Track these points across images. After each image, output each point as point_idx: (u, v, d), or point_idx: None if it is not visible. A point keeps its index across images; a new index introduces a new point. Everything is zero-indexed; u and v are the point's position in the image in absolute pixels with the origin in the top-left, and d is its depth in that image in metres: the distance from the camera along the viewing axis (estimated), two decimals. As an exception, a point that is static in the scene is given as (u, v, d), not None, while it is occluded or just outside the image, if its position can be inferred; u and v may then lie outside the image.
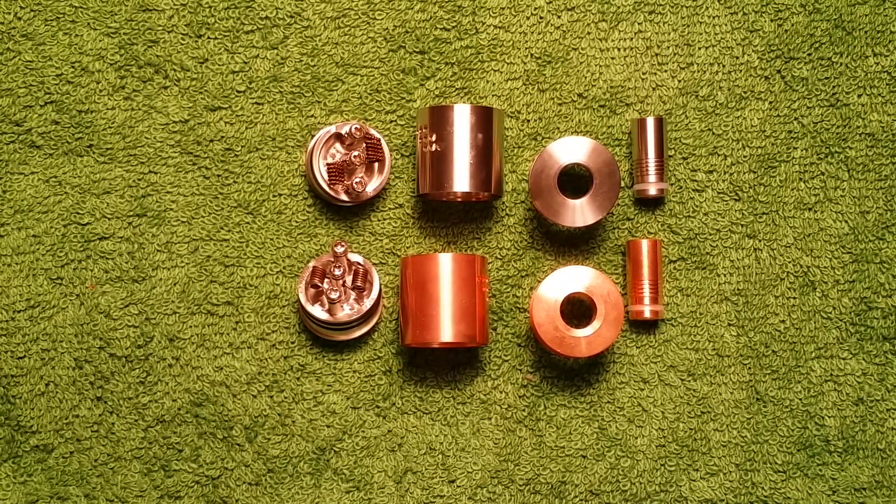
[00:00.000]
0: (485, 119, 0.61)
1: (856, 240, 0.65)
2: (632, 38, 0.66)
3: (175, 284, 0.64)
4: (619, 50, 0.66)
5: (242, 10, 0.65)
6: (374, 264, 0.64)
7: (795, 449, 0.64)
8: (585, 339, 0.61)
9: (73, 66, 0.64)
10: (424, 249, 0.65)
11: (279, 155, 0.65)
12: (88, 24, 0.64)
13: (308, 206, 0.65)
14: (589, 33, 0.66)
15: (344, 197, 0.63)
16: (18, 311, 0.63)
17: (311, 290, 0.62)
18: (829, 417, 0.64)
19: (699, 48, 0.66)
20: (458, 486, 0.64)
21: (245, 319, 0.64)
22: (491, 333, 0.64)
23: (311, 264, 0.62)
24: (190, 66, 0.65)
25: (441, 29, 0.65)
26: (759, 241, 0.65)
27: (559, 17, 0.66)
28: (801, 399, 0.64)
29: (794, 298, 0.65)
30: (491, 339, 0.64)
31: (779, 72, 0.66)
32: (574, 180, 0.64)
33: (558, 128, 0.65)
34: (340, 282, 0.61)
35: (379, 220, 0.65)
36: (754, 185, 0.65)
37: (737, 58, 0.66)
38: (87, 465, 0.63)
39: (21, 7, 0.65)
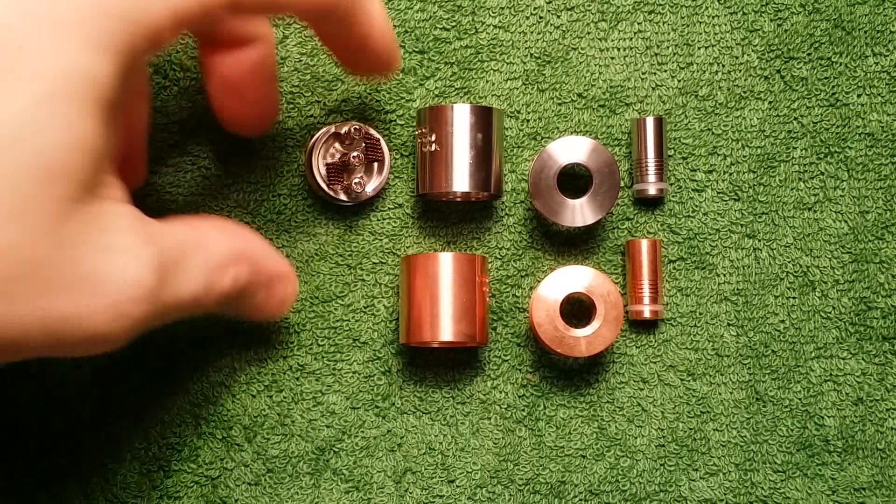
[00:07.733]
0: (484, 119, 0.61)
1: (855, 240, 0.65)
2: (631, 38, 0.66)
3: (174, 284, 0.64)
4: (618, 50, 0.66)
5: (242, 10, 0.65)
6: (374, 264, 0.64)
7: (795, 449, 0.64)
8: (585, 338, 0.61)
9: (72, 66, 0.64)
10: (424, 249, 0.65)
11: (278, 155, 0.64)
12: (88, 23, 0.64)
13: (307, 206, 0.64)
14: (588, 33, 0.66)
15: (343, 197, 0.63)
16: (18, 311, 0.63)
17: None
18: (828, 417, 0.64)
19: (699, 48, 0.66)
20: (458, 486, 0.64)
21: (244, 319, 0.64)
22: (491, 333, 0.64)
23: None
24: (190, 66, 0.64)
25: (441, 29, 0.65)
26: (759, 240, 0.65)
27: (559, 16, 0.66)
28: (800, 399, 0.64)
29: (794, 298, 0.65)
30: (491, 339, 0.64)
31: (778, 72, 0.66)
32: (574, 180, 0.64)
33: (558, 128, 0.65)
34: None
35: (378, 220, 0.65)
36: (754, 185, 0.65)
37: (736, 58, 0.66)
38: (86, 465, 0.63)
39: (20, 7, 0.64)
